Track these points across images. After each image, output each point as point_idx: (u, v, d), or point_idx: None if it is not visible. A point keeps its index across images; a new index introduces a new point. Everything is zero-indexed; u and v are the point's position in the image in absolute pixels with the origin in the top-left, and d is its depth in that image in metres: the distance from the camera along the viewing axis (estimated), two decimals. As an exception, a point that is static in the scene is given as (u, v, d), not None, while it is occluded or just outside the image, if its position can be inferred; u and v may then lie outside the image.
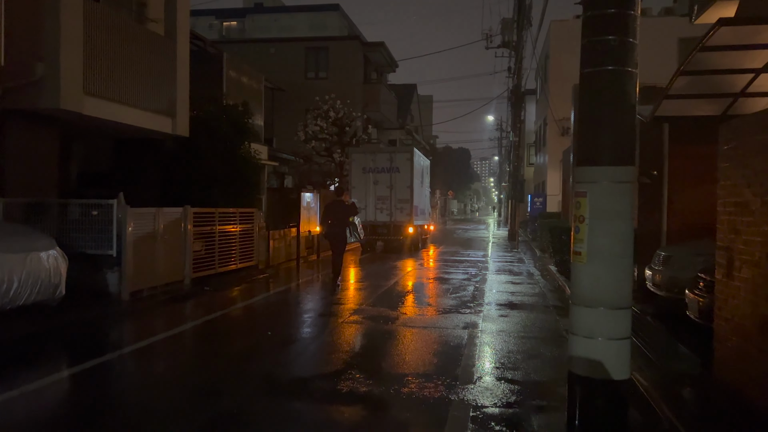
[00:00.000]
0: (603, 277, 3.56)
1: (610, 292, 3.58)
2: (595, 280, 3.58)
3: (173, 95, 12.22)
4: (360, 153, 18.67)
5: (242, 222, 13.03)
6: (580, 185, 3.68)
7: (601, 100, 3.61)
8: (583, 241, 3.61)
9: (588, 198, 3.56)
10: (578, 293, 3.74)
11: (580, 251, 3.64)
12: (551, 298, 10.03)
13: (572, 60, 20.29)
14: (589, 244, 3.57)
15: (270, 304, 9.29)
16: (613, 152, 3.51)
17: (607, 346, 3.57)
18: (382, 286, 11.19)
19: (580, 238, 3.65)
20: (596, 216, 3.54)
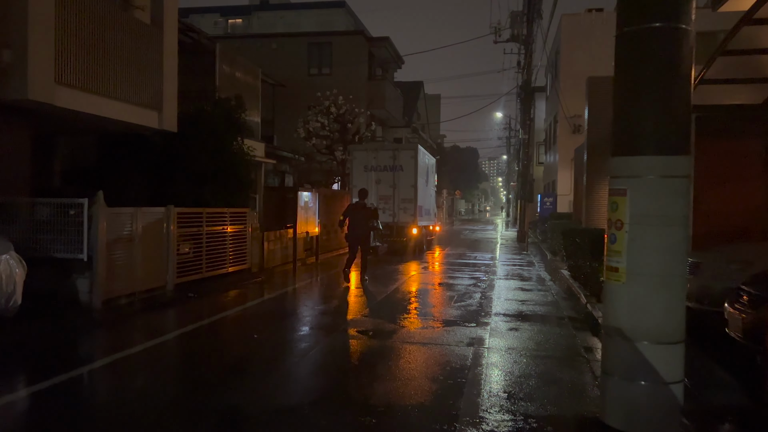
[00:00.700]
0: (648, 302, 2.70)
1: (656, 321, 2.71)
2: (637, 305, 2.72)
3: (159, 88, 11.42)
4: (361, 150, 17.81)
5: (234, 223, 12.22)
6: (618, 181, 2.83)
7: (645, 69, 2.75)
8: (621, 253, 2.74)
9: (628, 198, 2.71)
10: (614, 321, 2.87)
11: (617, 266, 2.77)
12: (565, 308, 9.14)
13: (584, 55, 19.53)
14: (629, 258, 2.71)
15: (257, 314, 8.46)
16: (661, 137, 2.66)
17: (653, 391, 2.70)
18: (382, 292, 10.34)
19: (616, 249, 2.78)
20: (639, 221, 2.69)
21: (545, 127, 35.12)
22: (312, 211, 15.66)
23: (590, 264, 9.99)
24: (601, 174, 14.03)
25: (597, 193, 14.03)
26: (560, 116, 26.51)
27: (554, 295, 10.45)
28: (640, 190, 2.69)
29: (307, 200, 15.11)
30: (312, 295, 10.41)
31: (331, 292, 10.84)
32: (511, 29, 23.71)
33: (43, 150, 11.99)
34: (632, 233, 2.66)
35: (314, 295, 10.42)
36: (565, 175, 26.81)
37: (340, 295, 10.49)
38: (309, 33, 29.57)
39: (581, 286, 10.75)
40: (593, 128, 14.12)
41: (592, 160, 14.15)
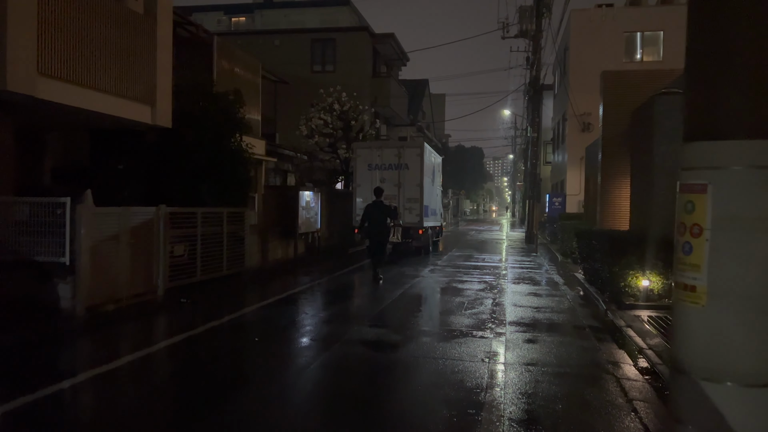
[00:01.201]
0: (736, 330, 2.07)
1: (748, 357, 2.08)
2: (722, 335, 2.09)
3: (152, 81, 10.82)
4: (365, 148, 17.18)
5: (231, 223, 11.63)
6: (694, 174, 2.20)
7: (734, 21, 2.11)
8: (699, 267, 2.12)
9: (710, 195, 2.08)
10: (688, 354, 2.25)
11: (695, 284, 2.15)
12: (583, 315, 8.50)
13: (593, 52, 18.73)
14: (712, 274, 2.09)
15: (250, 323, 7.85)
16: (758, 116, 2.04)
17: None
18: (387, 298, 9.72)
19: (693, 262, 2.16)
20: (725, 225, 2.06)
21: (553, 126, 34.43)
22: (314, 211, 15.06)
23: (609, 268, 9.35)
24: (616, 173, 13.37)
25: (612, 193, 13.37)
26: (569, 114, 25.84)
27: (570, 300, 9.81)
28: (726, 186, 2.06)
29: (308, 200, 14.51)
30: (312, 300, 9.80)
31: (333, 296, 10.24)
32: (520, 25, 23.05)
33: (30, 147, 11.44)
34: (716, 241, 2.04)
35: (315, 300, 9.81)
36: (575, 174, 26.17)
37: (343, 300, 9.88)
38: (312, 29, 28.98)
39: (599, 292, 10.11)
40: (608, 125, 13.47)
41: (606, 158, 13.50)
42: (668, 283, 8.92)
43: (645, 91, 12.18)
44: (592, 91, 25.16)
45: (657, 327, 7.53)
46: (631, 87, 13.03)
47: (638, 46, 25.90)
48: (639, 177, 11.97)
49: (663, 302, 8.88)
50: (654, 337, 7.02)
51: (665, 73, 12.53)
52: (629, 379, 5.37)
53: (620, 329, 7.49)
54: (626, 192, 13.17)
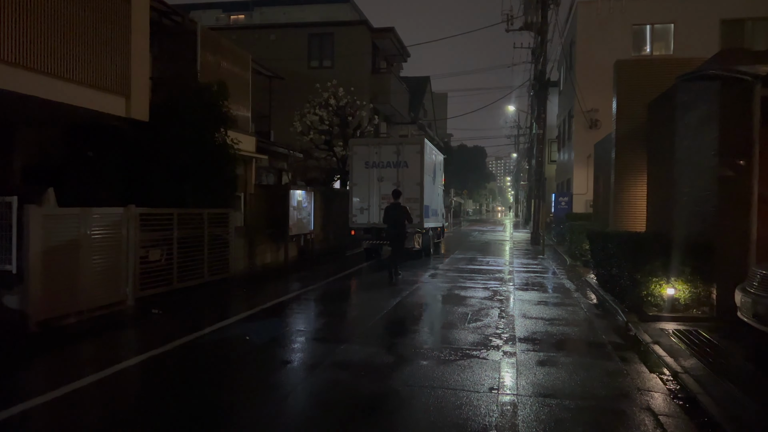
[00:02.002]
0: None
1: None
2: None
3: (126, 70, 9.92)
4: (362, 145, 16.23)
5: (213, 225, 10.71)
6: None
7: None
8: None
9: None
10: None
11: None
12: (602, 329, 7.54)
13: (601, 46, 17.53)
14: None
15: (225, 339, 6.91)
16: None
17: None
18: (382, 308, 8.78)
19: None
20: None
21: (558, 123, 33.42)
22: (306, 211, 14.13)
23: (630, 275, 8.39)
24: (631, 170, 12.41)
25: (627, 192, 12.40)
26: (576, 111, 24.85)
27: (585, 310, 8.85)
28: None
29: (300, 199, 13.57)
30: (299, 310, 8.87)
31: (323, 306, 9.30)
32: (525, 17, 22.07)
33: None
34: None
35: (302, 310, 8.87)
36: (581, 173, 25.20)
37: (332, 311, 8.94)
38: (310, 24, 28.03)
39: (616, 300, 9.15)
40: (622, 118, 12.50)
41: (620, 154, 12.53)
42: (696, 292, 7.97)
43: (663, 81, 11.22)
44: (600, 86, 24.26)
45: (689, 344, 6.57)
46: (647, 77, 12.06)
47: (648, 40, 24.89)
48: (657, 174, 11.00)
49: (690, 313, 7.92)
50: (688, 357, 6.06)
51: (684, 61, 11.55)
52: (668, 415, 4.43)
53: (647, 346, 6.53)
54: (642, 191, 12.20)
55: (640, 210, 12.27)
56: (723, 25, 23.98)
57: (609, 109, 23.43)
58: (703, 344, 6.58)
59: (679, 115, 9.42)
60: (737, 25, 23.53)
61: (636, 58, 22.35)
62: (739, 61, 7.45)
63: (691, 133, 8.83)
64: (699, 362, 5.87)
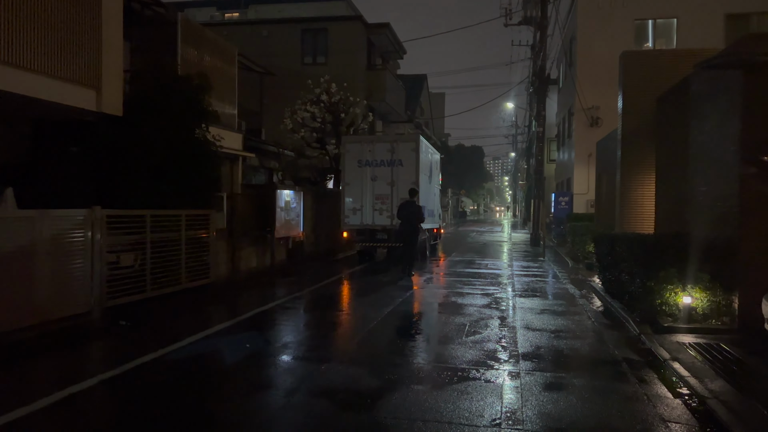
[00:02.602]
0: None
1: None
2: None
3: (97, 61, 9.19)
4: (355, 142, 15.50)
5: (192, 227, 9.99)
6: None
7: None
8: None
9: None
10: None
11: None
12: (613, 342, 6.83)
13: (602, 41, 16.69)
14: None
15: (195, 356, 6.18)
16: None
17: None
18: (371, 318, 8.06)
19: None
20: None
21: (557, 121, 32.74)
22: (295, 212, 13.40)
23: (642, 281, 7.68)
24: (638, 168, 11.71)
25: (634, 191, 11.69)
26: (576, 108, 24.17)
27: (592, 320, 8.14)
28: None
29: (288, 200, 12.85)
30: (283, 321, 8.15)
31: (309, 317, 8.58)
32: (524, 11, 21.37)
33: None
34: None
35: (285, 321, 8.15)
36: (582, 172, 24.52)
37: (318, 322, 8.21)
38: (303, 19, 27.31)
39: (625, 309, 8.45)
40: (629, 114, 11.80)
41: (627, 151, 11.83)
42: (716, 301, 7.26)
43: (672, 74, 10.53)
44: (601, 83, 23.56)
45: (712, 360, 5.87)
46: (656, 69, 11.36)
47: (650, 35, 24.22)
48: (668, 172, 10.30)
49: (709, 324, 7.21)
50: (713, 377, 5.35)
51: (696, 52, 10.85)
52: (703, 456, 3.72)
53: (665, 364, 5.83)
54: (650, 190, 11.51)
55: (647, 210, 11.57)
56: (728, 20, 23.32)
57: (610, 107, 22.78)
58: (729, 361, 5.88)
59: (694, 107, 8.72)
60: (742, 20, 22.85)
61: (643, 50, 21.63)
62: (766, 46, 6.75)
63: (708, 127, 8.13)
64: (727, 384, 5.17)
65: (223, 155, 13.30)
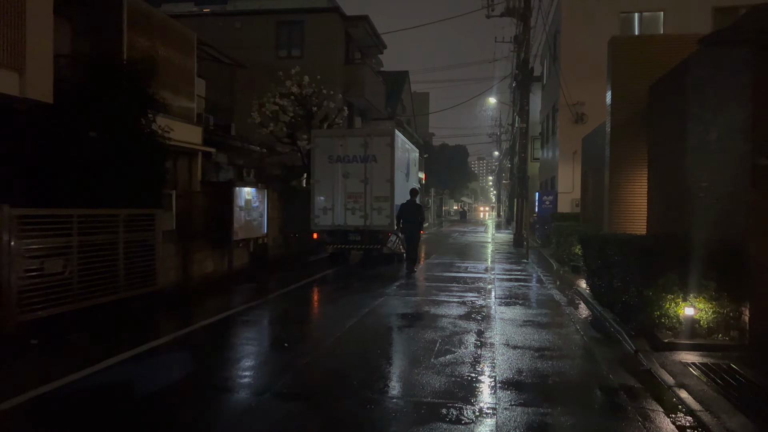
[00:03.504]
0: None
1: None
2: None
3: (19, 39, 8.04)
4: (326, 137, 14.44)
5: (134, 229, 8.86)
6: None
7: None
8: None
9: None
10: None
11: None
12: (607, 363, 5.86)
13: (587, 35, 15.50)
14: None
15: (101, 387, 5.09)
16: None
17: None
18: (328, 334, 7.02)
19: None
20: None
21: (541, 119, 31.93)
22: (258, 212, 12.30)
23: (638, 290, 6.73)
24: (629, 163, 10.81)
25: (625, 188, 10.79)
26: (561, 104, 23.34)
27: (581, 333, 7.18)
28: None
29: (249, 198, 11.74)
30: (225, 338, 7.08)
31: (255, 332, 7.52)
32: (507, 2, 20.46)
33: None
34: None
35: (227, 338, 7.08)
36: (567, 170, 23.71)
37: (266, 338, 7.16)
38: (277, 10, 26.15)
39: (618, 319, 7.50)
40: (618, 104, 10.89)
41: (617, 145, 10.92)
42: (722, 313, 6.33)
43: (665, 61, 9.64)
44: (586, 78, 22.71)
45: (725, 387, 4.92)
46: (648, 56, 10.47)
47: (636, 29, 23.45)
48: (662, 167, 9.40)
49: (715, 339, 6.28)
50: (731, 412, 4.40)
51: (691, 38, 9.97)
52: None
53: (671, 393, 4.87)
54: (641, 187, 10.61)
55: (639, 209, 10.68)
56: (716, 13, 22.63)
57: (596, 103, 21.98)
58: (744, 388, 4.94)
59: (693, 94, 7.79)
60: (731, 13, 22.12)
61: (634, 36, 20.80)
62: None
63: (710, 115, 7.20)
64: (749, 421, 4.22)
65: (177, 149, 12.19)
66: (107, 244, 8.30)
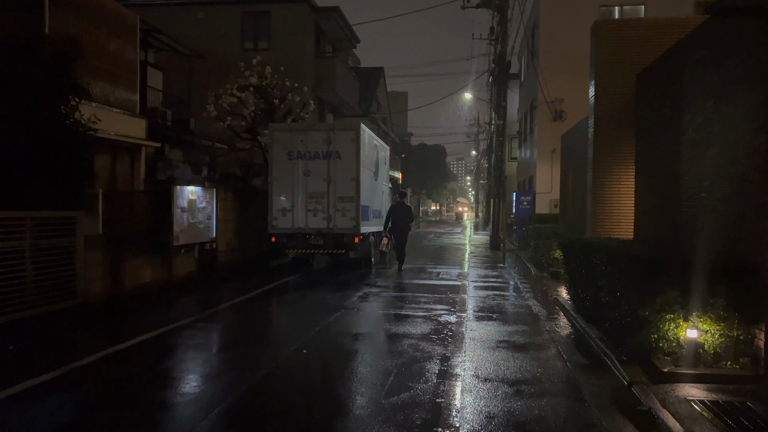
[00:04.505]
0: None
1: None
2: None
3: None
4: (285, 131, 13.21)
5: (46, 234, 7.59)
6: None
7: None
8: None
9: None
10: None
11: None
12: (595, 398, 4.80)
13: (567, 29, 13.84)
14: None
15: None
16: None
17: None
18: (262, 363, 5.85)
19: None
20: None
21: (519, 117, 31.07)
22: (206, 213, 11.05)
23: (631, 308, 5.69)
24: (615, 159, 9.83)
25: (609, 188, 9.82)
26: (539, 101, 22.44)
27: (564, 358, 6.11)
28: None
29: (194, 198, 10.49)
30: (138, 365, 5.88)
31: (175, 359, 6.30)
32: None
33: None
34: None
35: (143, 366, 5.88)
36: (545, 169, 22.83)
37: (189, 366, 5.94)
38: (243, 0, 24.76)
39: (606, 339, 6.46)
40: (603, 95, 9.90)
41: (601, 140, 9.94)
42: (731, 336, 5.30)
43: (655, 47, 8.68)
44: (566, 73, 21.78)
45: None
46: (635, 42, 9.50)
47: (617, 23, 22.69)
48: (653, 164, 8.40)
49: (723, 368, 5.25)
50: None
51: (681, 22, 9.04)
52: None
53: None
54: (628, 186, 9.64)
55: (625, 210, 9.71)
56: (697, 7, 21.84)
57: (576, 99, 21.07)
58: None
59: (693, 78, 6.79)
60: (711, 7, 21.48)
61: (620, 19, 19.89)
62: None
63: (712, 102, 6.20)
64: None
65: (114, 143, 10.90)
66: (9, 253, 7.02)
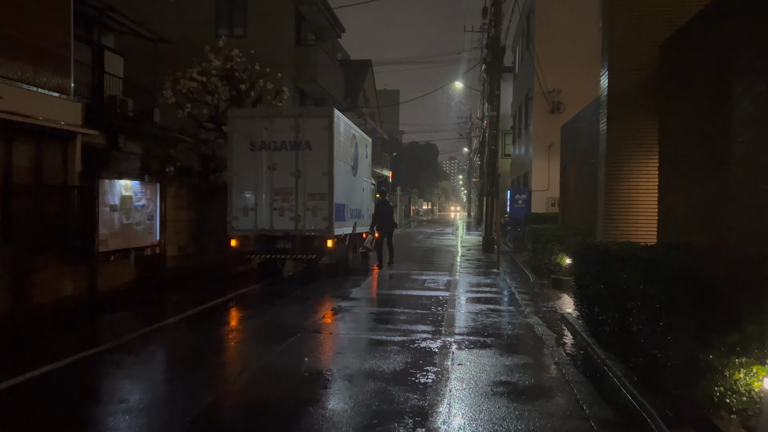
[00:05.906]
0: None
1: None
2: None
3: None
4: (246, 118, 11.48)
5: None
6: None
7: None
8: None
9: None
10: None
11: None
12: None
13: (564, 14, 11.87)
14: None
15: None
16: None
17: None
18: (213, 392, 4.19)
19: None
20: None
21: (513, 112, 29.50)
22: (146, 213, 9.33)
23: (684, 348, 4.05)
24: (633, 147, 8.21)
25: (627, 181, 8.19)
26: (535, 92, 20.87)
27: (585, 409, 4.48)
28: None
29: (128, 195, 8.76)
30: (16, 420, 4.18)
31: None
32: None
33: None
34: None
35: (32, 415, 4.19)
36: (542, 165, 21.28)
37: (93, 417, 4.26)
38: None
39: (636, 381, 4.82)
40: (617, 70, 8.26)
41: (616, 127, 8.29)
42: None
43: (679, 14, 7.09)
44: (563, 62, 20.15)
45: None
46: (660, 4, 7.88)
47: (618, 8, 21.14)
48: (682, 152, 6.79)
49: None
50: None
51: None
52: None
53: None
54: (649, 180, 8.03)
55: (644, 209, 8.09)
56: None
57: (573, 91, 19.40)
58: None
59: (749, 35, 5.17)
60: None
61: None
62: None
63: None
64: None
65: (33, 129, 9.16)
66: None
